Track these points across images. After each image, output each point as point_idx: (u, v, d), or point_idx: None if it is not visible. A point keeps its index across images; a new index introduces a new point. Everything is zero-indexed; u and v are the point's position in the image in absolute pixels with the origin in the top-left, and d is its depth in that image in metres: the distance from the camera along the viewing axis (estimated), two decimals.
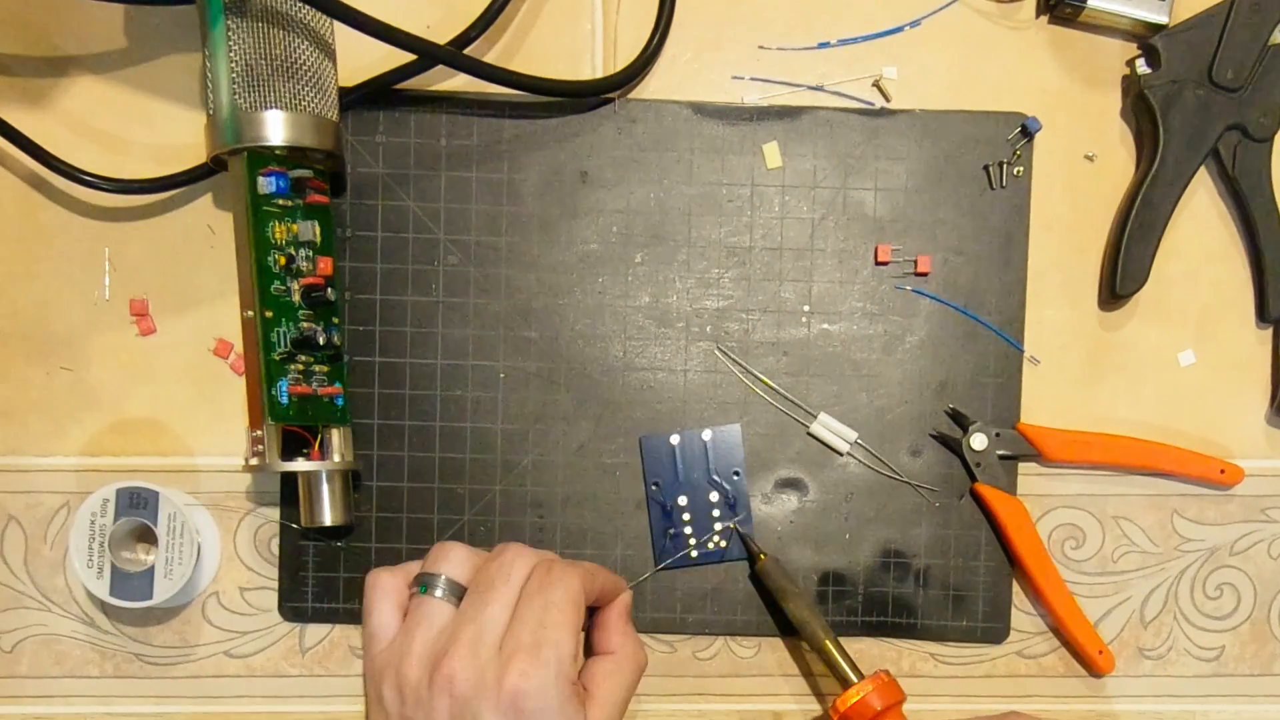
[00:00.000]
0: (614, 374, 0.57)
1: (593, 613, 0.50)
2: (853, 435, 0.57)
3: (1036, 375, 0.58)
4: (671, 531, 0.57)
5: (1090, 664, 0.58)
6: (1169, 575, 0.59)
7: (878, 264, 0.57)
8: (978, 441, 0.57)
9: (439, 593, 0.47)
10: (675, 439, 0.57)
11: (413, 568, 0.49)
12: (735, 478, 0.57)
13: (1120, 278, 0.56)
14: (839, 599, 0.57)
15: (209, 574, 0.57)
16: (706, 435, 0.57)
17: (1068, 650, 0.58)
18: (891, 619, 0.57)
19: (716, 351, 0.57)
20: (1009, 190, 0.57)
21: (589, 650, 0.50)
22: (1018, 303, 0.57)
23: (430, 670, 0.46)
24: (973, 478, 0.57)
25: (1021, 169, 0.57)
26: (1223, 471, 0.57)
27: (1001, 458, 0.57)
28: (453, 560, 0.48)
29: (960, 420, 0.57)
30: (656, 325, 0.57)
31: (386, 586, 0.48)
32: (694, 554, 0.57)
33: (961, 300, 0.57)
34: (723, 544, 0.57)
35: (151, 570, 0.54)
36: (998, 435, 0.57)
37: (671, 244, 0.57)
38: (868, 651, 0.58)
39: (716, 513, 0.57)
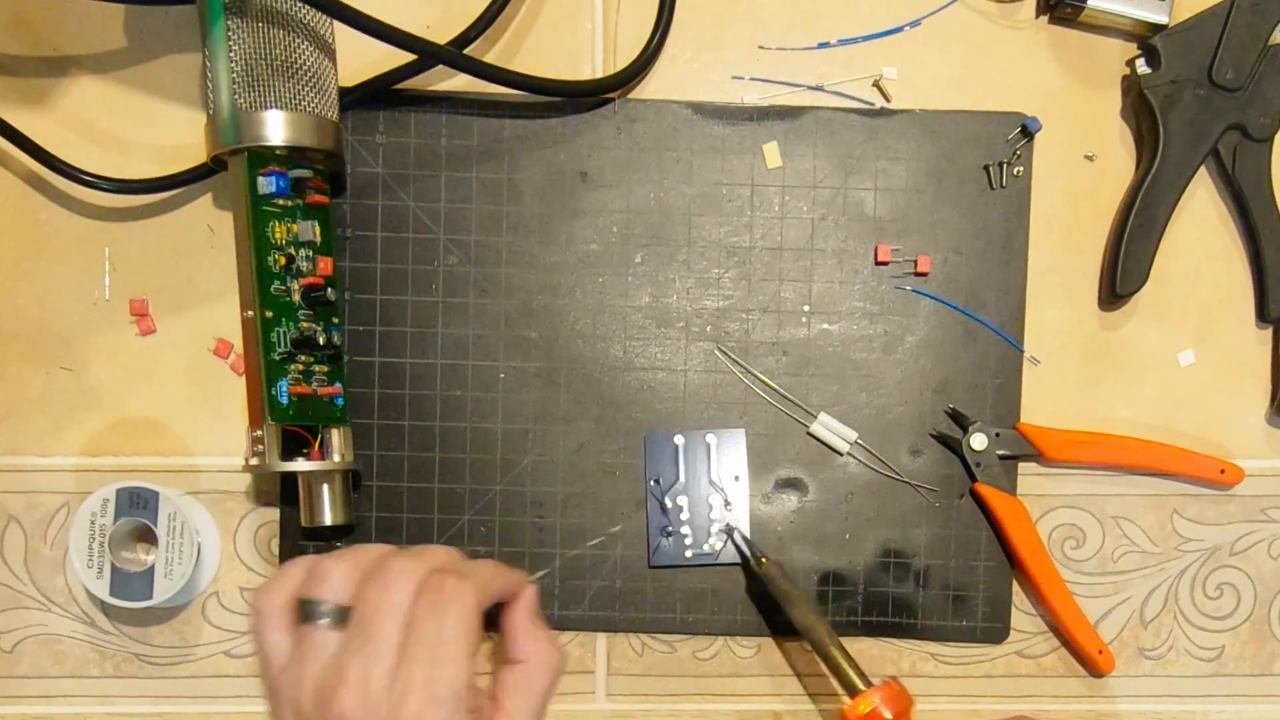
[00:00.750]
0: (614, 374, 0.57)
1: (496, 611, 0.46)
2: (853, 435, 0.57)
3: (1036, 375, 0.58)
4: (668, 530, 0.57)
5: (1090, 664, 0.58)
6: (1169, 575, 0.59)
7: (877, 264, 0.57)
8: (977, 441, 0.57)
9: (323, 621, 0.44)
10: (679, 439, 0.57)
11: (295, 579, 0.45)
12: (736, 482, 0.57)
13: (1120, 278, 0.56)
14: (839, 599, 0.57)
15: (209, 574, 0.57)
16: (710, 438, 0.57)
17: (1068, 650, 0.58)
18: (891, 619, 0.57)
19: (716, 351, 0.57)
20: (1009, 190, 0.57)
21: (499, 655, 0.47)
22: (1017, 303, 0.57)
23: (323, 707, 0.43)
24: (973, 478, 0.57)
25: (1021, 169, 0.57)
26: (1223, 471, 0.57)
27: (1001, 458, 0.57)
28: (332, 581, 0.44)
29: (960, 420, 0.57)
30: (656, 325, 0.57)
31: (269, 610, 0.44)
32: (689, 555, 0.57)
33: (961, 300, 0.57)
34: (718, 546, 0.57)
35: (152, 570, 0.54)
36: (998, 435, 0.57)
37: (671, 244, 0.57)
38: (867, 651, 0.58)
39: (715, 515, 0.57)
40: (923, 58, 0.57)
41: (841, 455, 0.57)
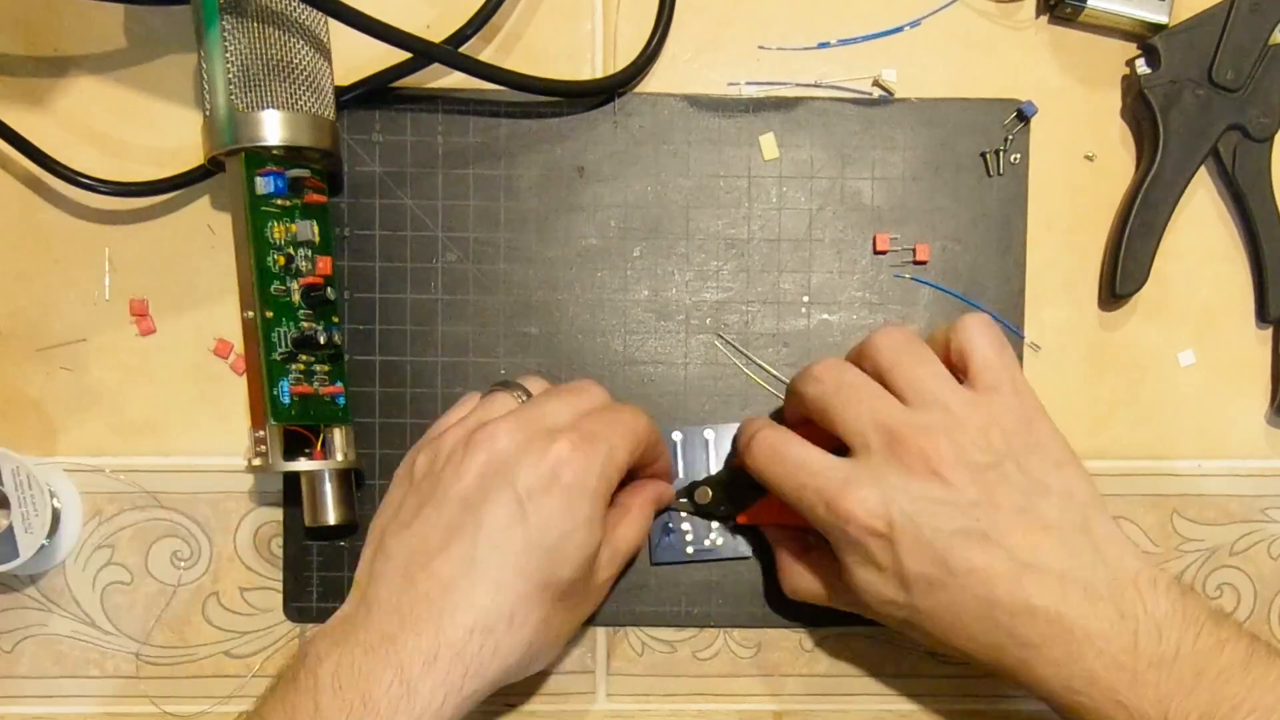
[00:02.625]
0: (615, 368, 0.57)
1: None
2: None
3: (1037, 366, 0.58)
4: (670, 527, 0.57)
5: None
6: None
7: (876, 253, 0.57)
8: (700, 495, 0.56)
9: (512, 392, 0.50)
10: (678, 435, 0.57)
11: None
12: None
13: (1120, 278, 0.56)
14: None
15: (74, 528, 0.57)
16: (708, 434, 0.57)
17: None
18: None
19: (717, 343, 0.57)
20: (1006, 177, 0.57)
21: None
22: (1016, 290, 0.57)
23: (470, 432, 0.47)
24: (729, 518, 0.56)
25: (1019, 156, 0.57)
26: None
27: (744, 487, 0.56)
28: (531, 382, 0.52)
29: (687, 493, 0.56)
30: (656, 319, 0.57)
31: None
32: (690, 550, 0.57)
33: (961, 288, 0.57)
34: (719, 542, 0.57)
35: (11, 529, 0.54)
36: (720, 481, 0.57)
37: (670, 237, 0.57)
38: (868, 651, 0.58)
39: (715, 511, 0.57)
40: (922, 57, 0.57)
41: None
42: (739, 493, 0.55)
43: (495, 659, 0.46)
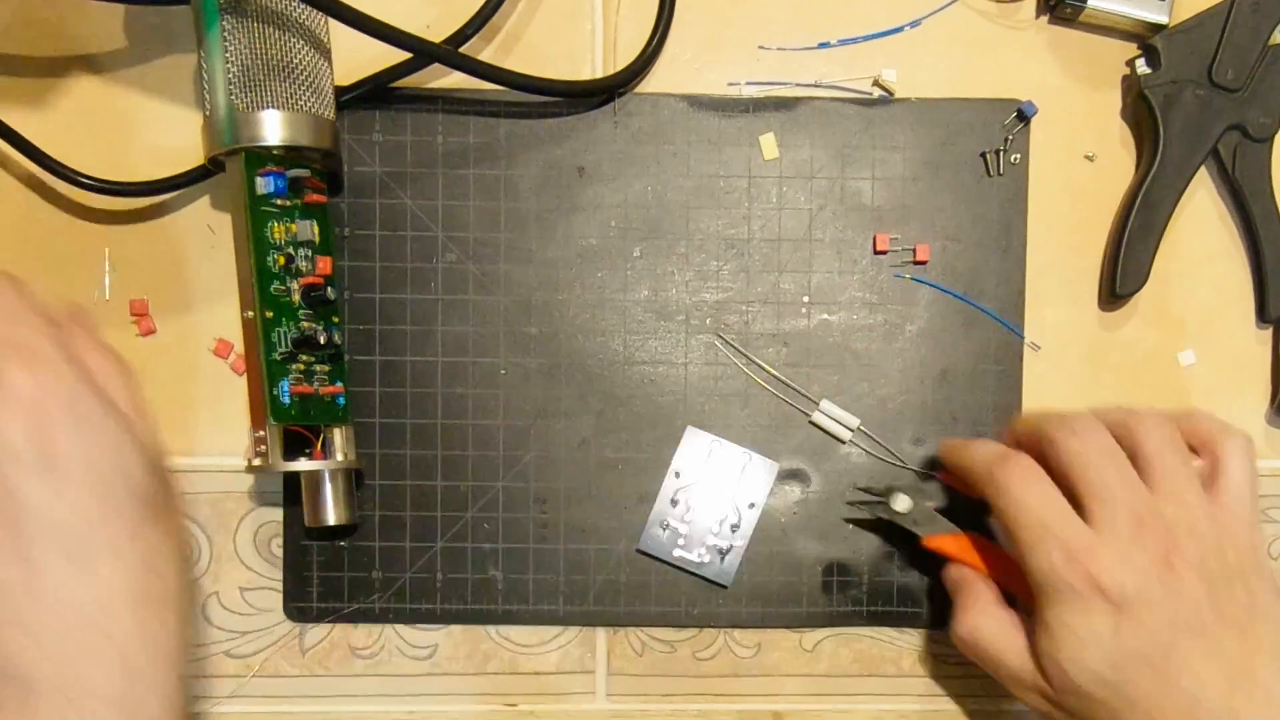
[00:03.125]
0: (615, 368, 0.57)
1: None
2: (855, 421, 0.57)
3: (1037, 365, 0.58)
4: (665, 523, 0.57)
5: None
6: None
7: (876, 253, 0.57)
8: (900, 503, 0.56)
9: None
10: (715, 443, 0.57)
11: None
12: (750, 509, 0.57)
13: (1120, 278, 0.56)
14: (843, 589, 0.57)
15: None
16: (745, 456, 0.57)
17: None
18: (896, 608, 0.57)
19: (717, 343, 0.57)
20: (1006, 177, 0.57)
21: None
22: (1017, 289, 0.57)
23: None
24: (915, 537, 0.56)
25: (1018, 155, 0.57)
26: None
27: (935, 509, 0.56)
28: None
29: (876, 494, 0.56)
30: (656, 319, 0.57)
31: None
32: (675, 554, 0.57)
33: (961, 288, 0.57)
34: (706, 559, 0.57)
35: None
36: (921, 490, 0.57)
37: (670, 237, 0.57)
38: (868, 651, 0.58)
39: (715, 530, 0.57)
40: (923, 57, 0.57)
41: (844, 444, 0.57)
42: (926, 516, 0.55)
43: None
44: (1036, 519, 0.47)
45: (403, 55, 0.55)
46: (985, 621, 0.52)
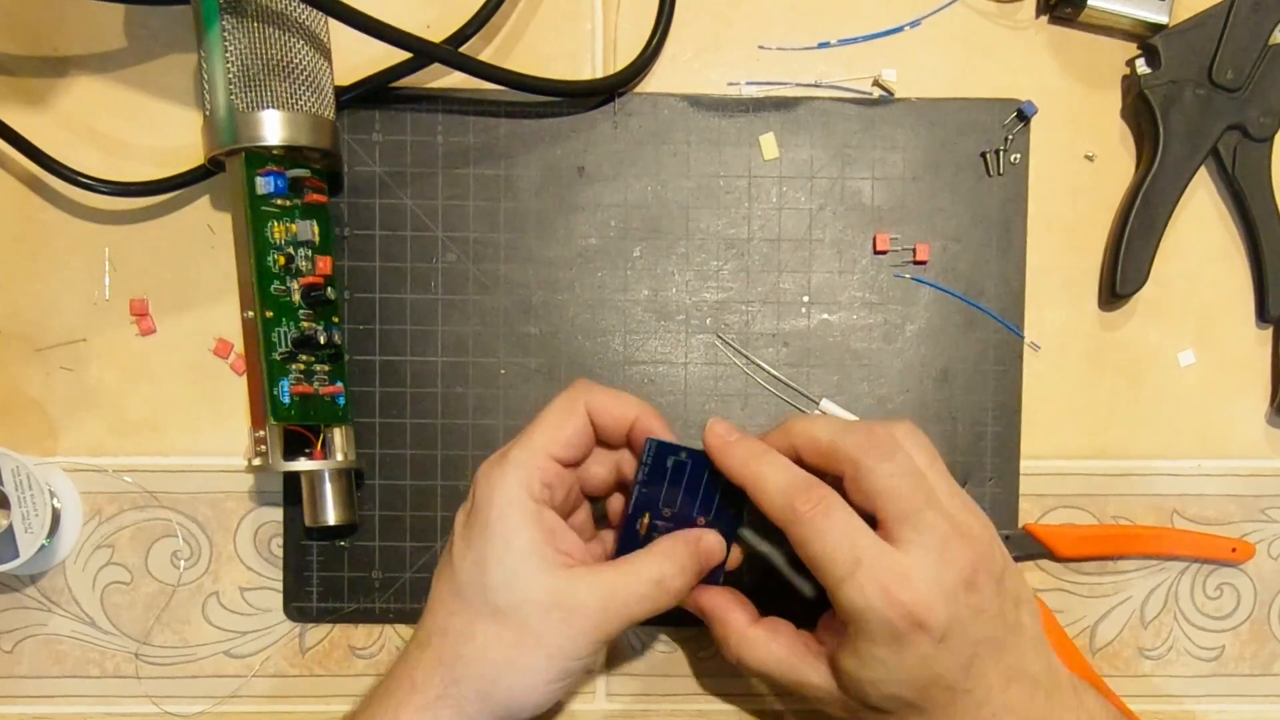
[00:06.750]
0: (615, 368, 0.57)
1: None
2: (855, 420, 0.57)
3: (1037, 366, 0.58)
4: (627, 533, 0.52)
5: None
6: (1169, 575, 0.59)
7: (876, 253, 0.57)
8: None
9: None
10: (684, 455, 0.50)
11: None
12: (731, 513, 0.51)
13: (1120, 278, 0.56)
14: None
15: (74, 528, 0.57)
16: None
17: None
18: None
19: (717, 342, 0.57)
20: (1006, 177, 0.57)
21: None
22: (1017, 289, 0.57)
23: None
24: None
25: (1018, 155, 0.57)
26: (1234, 550, 0.57)
27: (1015, 559, 0.56)
28: None
29: None
30: (656, 319, 0.57)
31: None
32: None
33: (961, 287, 0.57)
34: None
35: (11, 529, 0.54)
36: (1007, 537, 0.57)
37: (670, 237, 0.57)
38: None
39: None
40: (922, 57, 0.57)
41: None
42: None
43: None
44: (848, 554, 0.45)
45: (403, 55, 0.55)
46: (757, 648, 0.50)
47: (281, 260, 0.52)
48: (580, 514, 0.52)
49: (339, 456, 0.54)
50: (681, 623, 0.57)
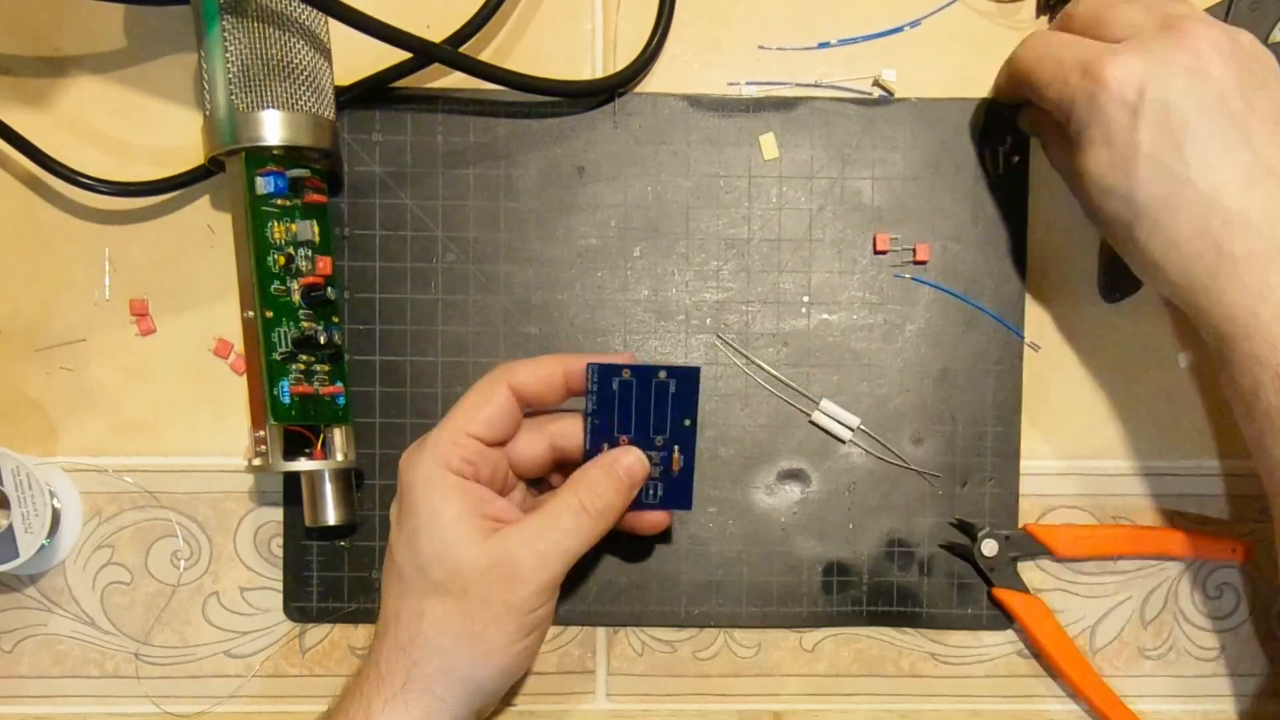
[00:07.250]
0: None
1: None
2: (855, 421, 0.57)
3: (1037, 366, 0.58)
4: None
5: None
6: (1169, 575, 0.59)
7: (876, 253, 0.57)
8: (988, 548, 0.57)
9: None
10: (627, 374, 0.50)
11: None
12: (685, 426, 0.52)
13: (1120, 278, 0.56)
14: (843, 589, 0.57)
15: (74, 528, 0.57)
16: (662, 375, 0.51)
17: None
18: (896, 608, 0.57)
19: (717, 342, 0.57)
20: (1006, 177, 0.57)
21: None
22: (1017, 289, 0.57)
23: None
24: (989, 583, 0.57)
25: (1019, 155, 0.57)
26: (1234, 550, 0.57)
27: (1014, 559, 0.57)
28: None
29: (968, 529, 0.57)
30: (656, 319, 0.57)
31: None
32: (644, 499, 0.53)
33: (961, 288, 0.57)
34: (659, 494, 0.53)
35: (11, 529, 0.54)
36: (1007, 538, 0.57)
37: (670, 237, 0.57)
38: (867, 651, 0.58)
39: (658, 460, 0.53)
40: (922, 58, 0.57)
41: (844, 443, 0.57)
42: (1005, 566, 0.57)
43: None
44: (1053, 54, 0.48)
45: (403, 55, 0.55)
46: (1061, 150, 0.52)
47: (281, 260, 0.52)
48: (516, 494, 0.53)
49: (339, 456, 0.54)
50: (682, 623, 0.58)
